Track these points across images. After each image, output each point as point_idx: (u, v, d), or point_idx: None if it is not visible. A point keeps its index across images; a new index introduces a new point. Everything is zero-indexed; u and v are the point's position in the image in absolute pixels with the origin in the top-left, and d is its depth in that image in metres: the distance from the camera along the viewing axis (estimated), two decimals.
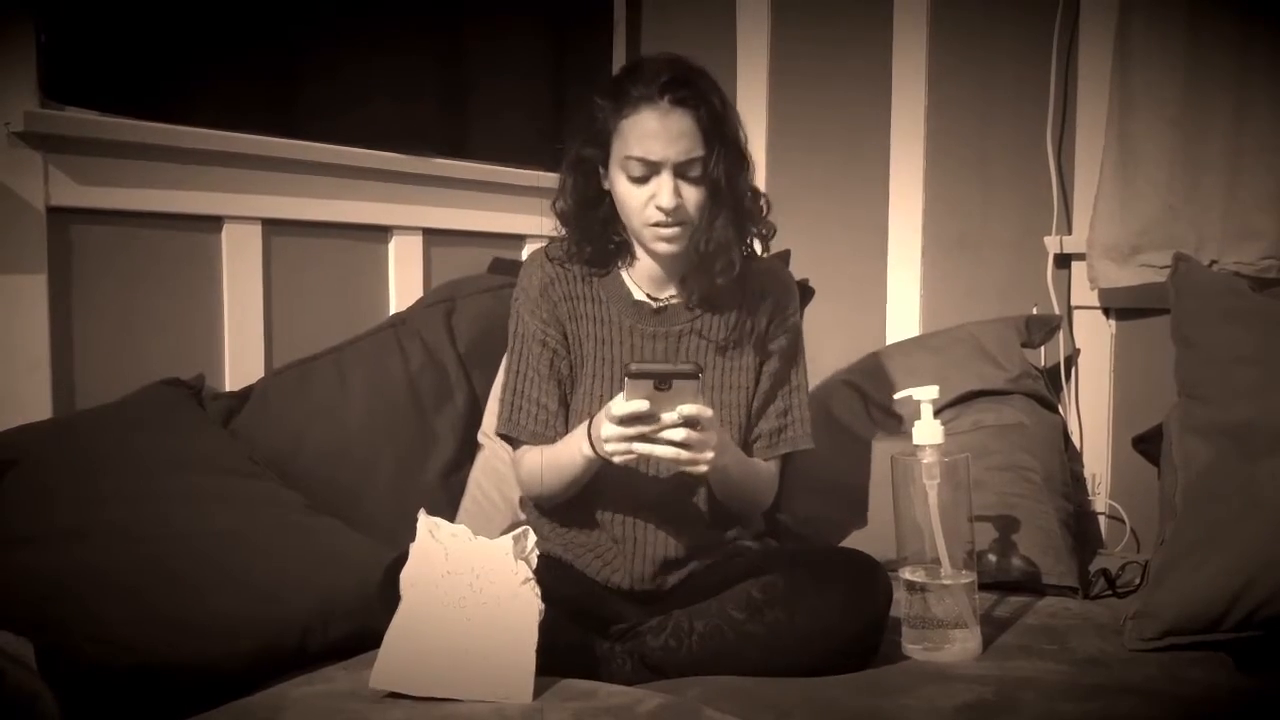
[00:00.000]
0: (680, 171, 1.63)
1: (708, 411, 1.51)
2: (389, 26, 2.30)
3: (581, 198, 1.73)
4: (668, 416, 1.49)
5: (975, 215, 2.53)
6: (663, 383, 1.47)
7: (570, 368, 1.74)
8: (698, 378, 1.50)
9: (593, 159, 1.70)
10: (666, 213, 1.63)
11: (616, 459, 1.53)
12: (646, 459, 1.56)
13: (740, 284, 1.73)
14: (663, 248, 1.68)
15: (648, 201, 1.64)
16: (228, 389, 1.99)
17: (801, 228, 2.64)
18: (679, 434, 1.49)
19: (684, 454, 1.51)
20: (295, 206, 2.12)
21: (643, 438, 1.50)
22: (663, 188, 1.63)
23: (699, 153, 1.63)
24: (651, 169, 1.63)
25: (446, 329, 2.17)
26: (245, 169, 2.03)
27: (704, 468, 1.54)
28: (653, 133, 1.62)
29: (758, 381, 1.77)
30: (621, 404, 1.49)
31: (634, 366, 1.49)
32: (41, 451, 1.59)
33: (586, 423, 1.60)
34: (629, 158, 1.63)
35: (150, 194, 1.90)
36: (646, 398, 1.48)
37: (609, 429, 1.51)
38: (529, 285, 1.75)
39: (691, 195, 1.65)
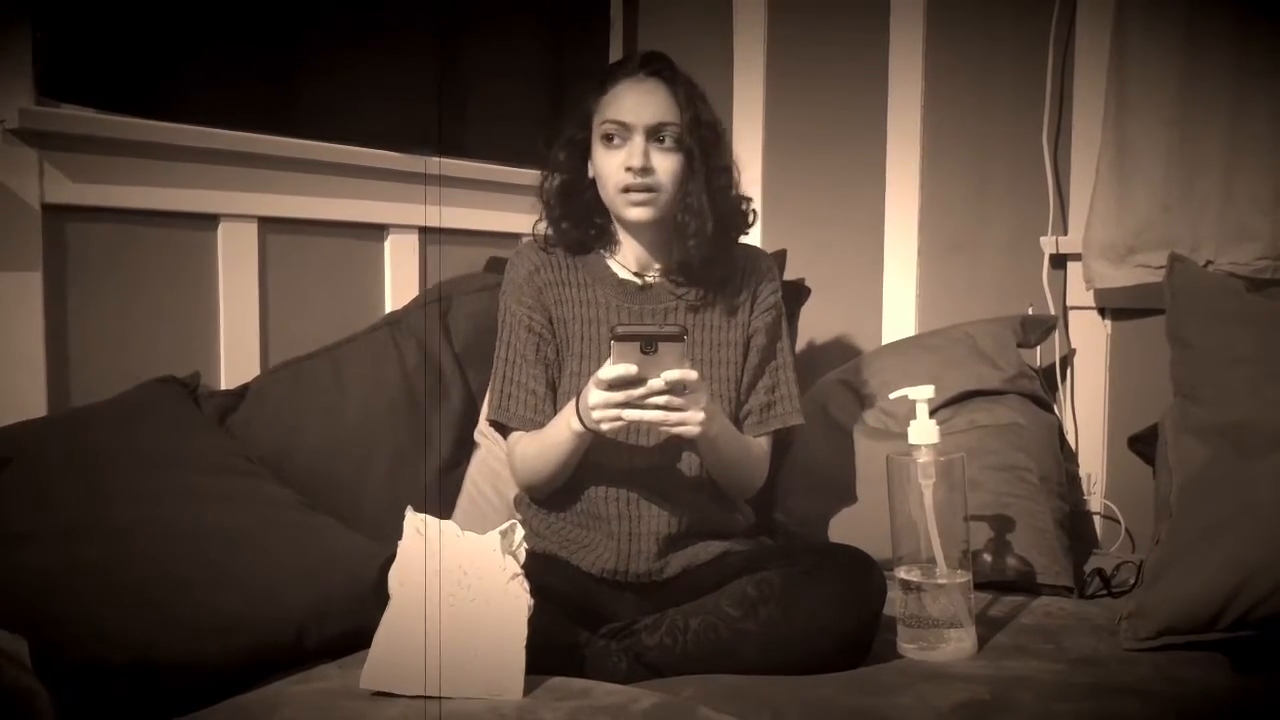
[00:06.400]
0: (652, 135, 1.69)
1: (693, 374, 1.51)
2: (386, 25, 2.30)
3: (567, 180, 1.77)
4: (654, 381, 1.50)
5: (971, 215, 2.53)
6: (648, 346, 1.49)
7: (557, 352, 1.76)
8: (682, 340, 1.50)
9: (578, 141, 1.75)
10: (635, 172, 1.67)
11: (604, 426, 1.54)
12: (636, 427, 1.57)
13: (723, 265, 1.77)
14: (634, 213, 1.70)
15: (619, 166, 1.69)
16: (223, 387, 1.99)
17: (798, 228, 2.65)
18: (664, 398, 1.50)
19: (671, 416, 1.52)
20: (291, 205, 2.12)
21: (629, 403, 1.50)
22: (634, 149, 1.68)
23: (672, 119, 1.69)
24: (625, 131, 1.68)
25: (442, 327, 2.17)
26: (241, 167, 2.03)
27: (693, 429, 1.54)
28: (627, 100, 1.70)
29: (745, 358, 1.79)
30: (608, 368, 1.50)
31: (620, 329, 1.51)
32: (36, 449, 1.59)
33: (574, 399, 1.61)
34: (604, 122, 1.70)
35: (146, 191, 1.90)
36: (633, 362, 1.49)
37: (596, 395, 1.52)
38: (515, 273, 1.79)
39: (663, 163, 1.69)
